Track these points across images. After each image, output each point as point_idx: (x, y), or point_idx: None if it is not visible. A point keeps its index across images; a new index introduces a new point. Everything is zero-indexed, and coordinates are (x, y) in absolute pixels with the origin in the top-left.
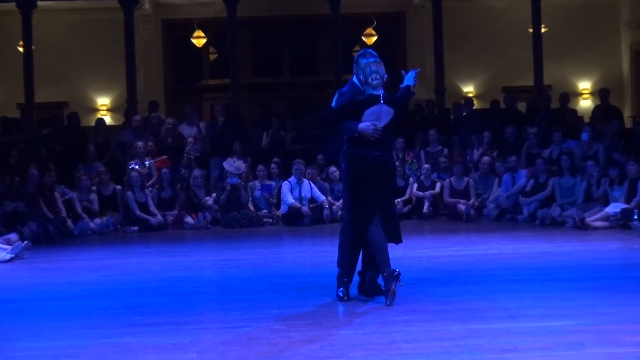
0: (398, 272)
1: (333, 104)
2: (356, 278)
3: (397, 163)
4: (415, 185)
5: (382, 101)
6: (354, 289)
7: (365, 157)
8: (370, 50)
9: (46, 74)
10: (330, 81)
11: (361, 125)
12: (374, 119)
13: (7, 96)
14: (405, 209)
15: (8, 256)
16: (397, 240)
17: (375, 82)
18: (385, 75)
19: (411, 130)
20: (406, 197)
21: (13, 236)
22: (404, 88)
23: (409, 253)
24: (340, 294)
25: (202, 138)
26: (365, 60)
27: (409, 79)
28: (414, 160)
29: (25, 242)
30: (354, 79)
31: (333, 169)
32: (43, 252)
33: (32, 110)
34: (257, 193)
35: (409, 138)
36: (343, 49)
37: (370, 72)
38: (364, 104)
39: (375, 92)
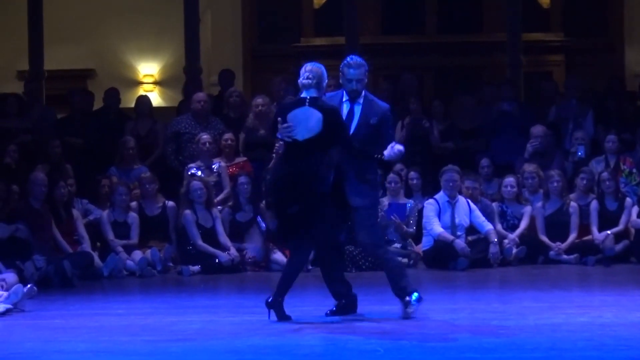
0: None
1: None
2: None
3: (605, 175)
4: (636, 210)
5: (307, 104)
6: None
7: (282, 168)
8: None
9: (61, 27)
10: (501, 43)
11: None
12: (296, 125)
13: (3, 61)
14: (619, 246)
15: (2, 307)
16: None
17: (305, 82)
18: (325, 80)
19: (629, 122)
20: (620, 227)
21: (9, 276)
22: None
23: (624, 316)
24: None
25: None
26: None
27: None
28: (634, 170)
29: (28, 285)
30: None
31: (510, 180)
32: (55, 302)
33: (41, 81)
34: (385, 216)
35: (625, 134)
36: None
37: (304, 71)
38: (288, 107)
39: (302, 94)
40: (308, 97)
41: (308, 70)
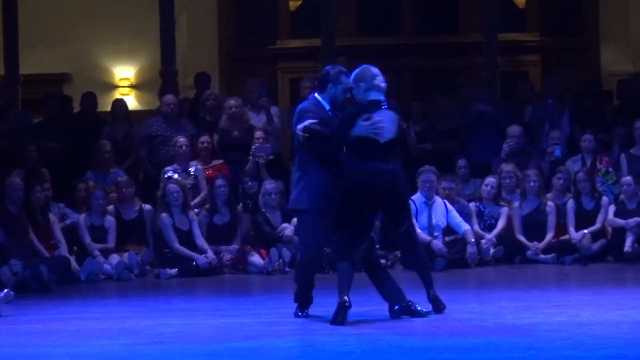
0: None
1: (297, 125)
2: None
3: (581, 174)
4: (612, 209)
5: (384, 106)
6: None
7: (365, 170)
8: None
9: (37, 32)
10: (478, 44)
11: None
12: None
13: None
14: (596, 246)
15: None
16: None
17: (383, 85)
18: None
19: (605, 120)
20: (597, 227)
21: None
22: None
23: (602, 315)
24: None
25: (277, 131)
26: (356, 71)
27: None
28: (610, 169)
29: (5, 290)
30: (316, 94)
31: (491, 180)
32: (32, 307)
33: (16, 86)
34: None
35: (601, 134)
36: None
37: (372, 75)
38: (368, 107)
39: (375, 97)
40: (383, 100)
41: (379, 73)
